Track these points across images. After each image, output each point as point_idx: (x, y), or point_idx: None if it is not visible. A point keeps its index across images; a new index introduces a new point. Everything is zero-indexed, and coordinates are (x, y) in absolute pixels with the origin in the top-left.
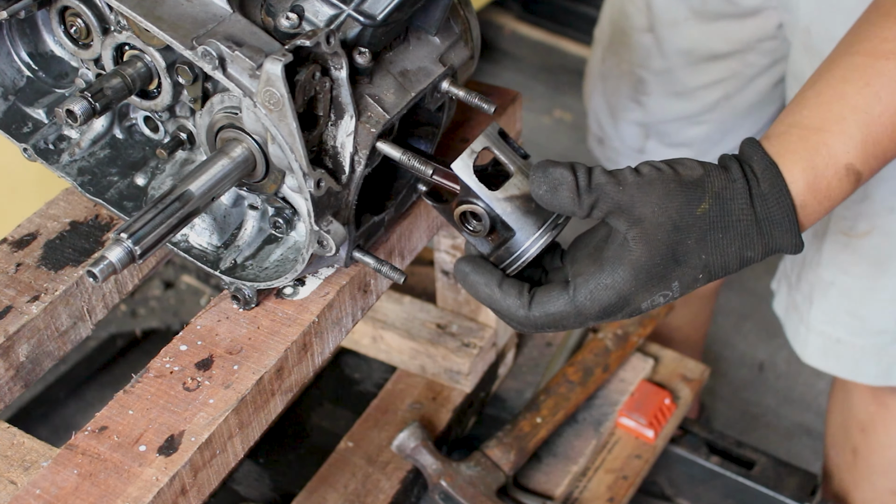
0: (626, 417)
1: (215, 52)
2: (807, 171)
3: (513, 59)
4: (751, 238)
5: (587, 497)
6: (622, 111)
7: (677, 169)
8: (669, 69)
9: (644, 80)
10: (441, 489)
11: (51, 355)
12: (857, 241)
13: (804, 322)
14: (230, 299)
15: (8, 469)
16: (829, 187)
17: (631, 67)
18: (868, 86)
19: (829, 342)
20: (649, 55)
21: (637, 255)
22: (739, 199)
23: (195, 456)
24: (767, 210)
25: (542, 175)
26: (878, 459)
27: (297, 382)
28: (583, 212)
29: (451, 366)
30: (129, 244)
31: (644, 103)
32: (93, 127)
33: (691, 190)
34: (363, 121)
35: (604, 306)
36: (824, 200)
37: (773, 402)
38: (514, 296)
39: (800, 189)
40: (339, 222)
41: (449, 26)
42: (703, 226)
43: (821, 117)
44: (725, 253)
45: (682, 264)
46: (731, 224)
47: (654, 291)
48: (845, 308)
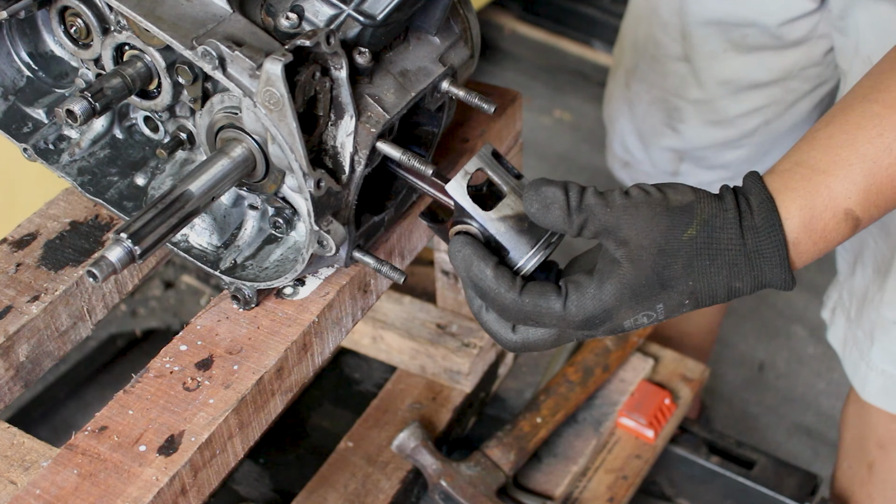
0: (626, 417)
1: (215, 52)
2: (804, 209)
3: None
4: (739, 268)
5: (587, 497)
6: (654, 137)
7: (667, 193)
8: (708, 99)
9: (680, 108)
10: (441, 489)
11: (51, 355)
12: None
13: (865, 359)
14: (230, 299)
15: (8, 469)
16: (825, 229)
17: (664, 95)
18: (881, 136)
19: (891, 382)
20: (685, 84)
21: (624, 273)
22: (729, 229)
23: (195, 456)
24: (758, 242)
25: (535, 193)
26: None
27: (297, 382)
28: (573, 230)
29: (451, 366)
30: (128, 244)
31: (680, 130)
32: (93, 127)
33: (678, 215)
34: (363, 121)
35: (587, 315)
36: (819, 241)
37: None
38: (508, 278)
39: (794, 226)
40: (339, 222)
41: (449, 26)
42: (689, 251)
43: (827, 160)
44: (713, 281)
45: (669, 288)
46: (718, 252)
47: (638, 311)
48: None
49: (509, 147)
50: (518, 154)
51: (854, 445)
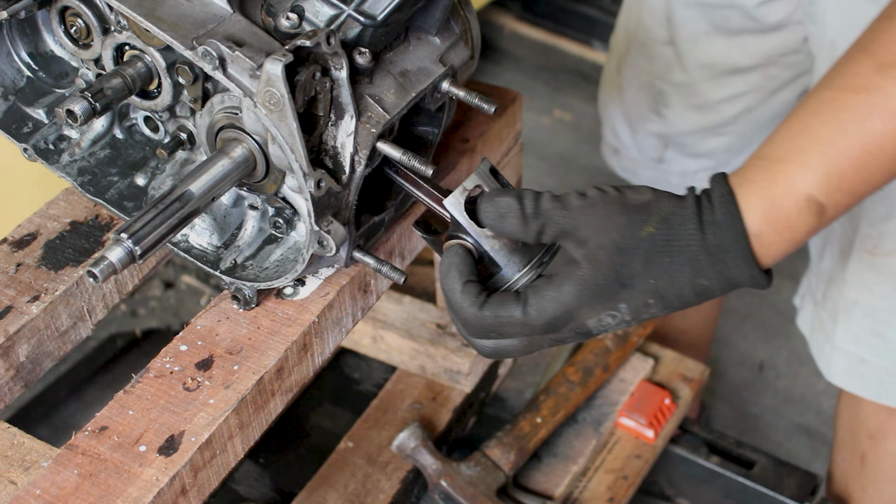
0: (626, 417)
1: (215, 53)
2: (763, 199)
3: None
4: (702, 265)
5: (587, 497)
6: (641, 122)
7: (624, 192)
8: (690, 83)
9: (664, 92)
10: (441, 489)
11: (51, 355)
12: (882, 260)
13: (829, 341)
14: (230, 299)
15: (8, 469)
16: (787, 218)
17: (650, 79)
18: (835, 119)
19: (854, 362)
20: (670, 68)
21: (583, 273)
22: (689, 224)
23: (195, 456)
24: (719, 237)
25: (490, 204)
26: (886, 467)
27: (297, 382)
28: (531, 236)
29: (451, 366)
30: (129, 244)
31: (664, 115)
32: (93, 127)
33: (635, 212)
34: (363, 121)
35: (548, 318)
36: (784, 231)
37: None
38: (473, 294)
39: (755, 217)
40: (340, 222)
41: (449, 26)
42: (648, 249)
43: (785, 149)
44: (675, 279)
45: (629, 287)
46: (678, 248)
47: (600, 310)
48: (870, 328)
49: (509, 147)
50: (518, 154)
51: (846, 438)
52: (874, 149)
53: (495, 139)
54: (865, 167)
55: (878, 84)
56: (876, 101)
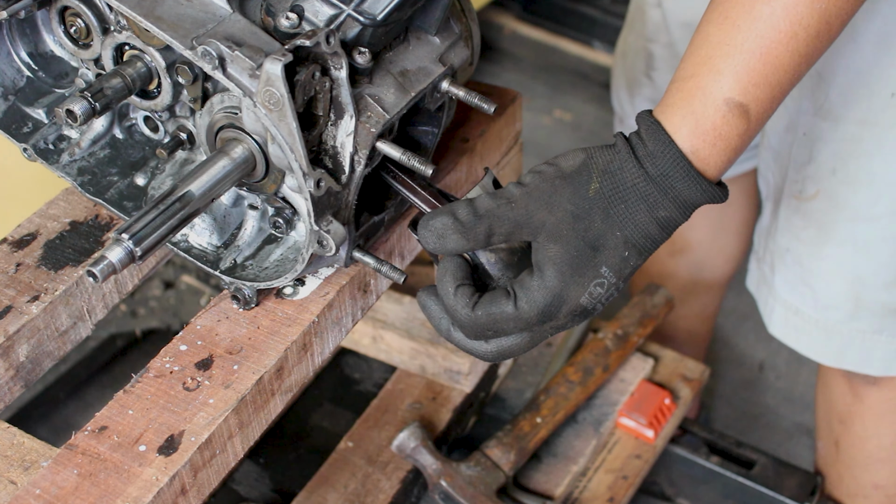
0: (626, 417)
1: (215, 52)
2: (686, 117)
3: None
4: (654, 197)
5: (587, 497)
6: (637, 87)
7: (558, 164)
8: (673, 43)
9: (653, 54)
10: (441, 489)
11: (51, 355)
12: (807, 204)
13: (771, 293)
14: (230, 299)
15: (8, 469)
16: (715, 127)
17: (644, 42)
18: (726, 18)
19: (790, 313)
20: (658, 29)
21: (554, 253)
22: (628, 166)
23: (195, 456)
24: (658, 167)
25: (426, 231)
26: (857, 452)
27: (297, 382)
28: (479, 244)
29: (451, 366)
30: (129, 244)
31: (654, 78)
32: (93, 127)
33: (576, 177)
34: (363, 121)
35: (541, 308)
36: (717, 141)
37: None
38: (465, 296)
39: (685, 136)
40: (339, 222)
41: (449, 26)
42: (601, 204)
43: (692, 64)
44: (637, 221)
45: (601, 248)
46: (627, 191)
47: (586, 283)
48: (800, 276)
49: (509, 147)
50: (518, 154)
51: (822, 426)
52: (770, 33)
53: (495, 139)
54: (771, 54)
55: None
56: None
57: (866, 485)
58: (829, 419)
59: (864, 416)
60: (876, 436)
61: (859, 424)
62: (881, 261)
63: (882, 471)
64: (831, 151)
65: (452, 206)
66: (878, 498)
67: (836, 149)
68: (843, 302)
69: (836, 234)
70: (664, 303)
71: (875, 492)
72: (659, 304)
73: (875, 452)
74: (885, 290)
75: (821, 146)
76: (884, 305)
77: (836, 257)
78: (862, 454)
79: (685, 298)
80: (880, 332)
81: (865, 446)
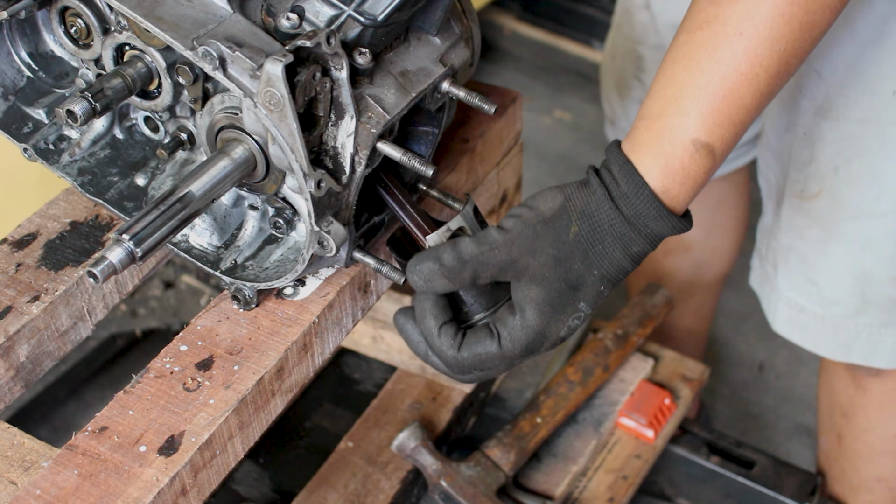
0: (626, 417)
1: (216, 53)
2: (657, 157)
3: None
4: (629, 237)
5: (587, 497)
6: (627, 89)
7: (538, 207)
8: (662, 45)
9: (642, 56)
10: (441, 489)
11: (51, 355)
12: (809, 203)
13: (774, 291)
14: (230, 299)
15: (8, 469)
16: (683, 167)
17: (633, 45)
18: (691, 60)
19: (794, 310)
20: (646, 32)
21: (536, 295)
22: (604, 208)
23: (195, 456)
24: (632, 207)
25: (414, 273)
26: (860, 445)
27: (298, 383)
28: (465, 286)
29: None
30: (129, 245)
31: (643, 80)
32: (93, 127)
33: (557, 220)
34: (363, 121)
35: (524, 345)
36: (686, 180)
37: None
38: (449, 336)
39: (656, 177)
40: (340, 223)
41: (449, 26)
42: (581, 246)
43: (660, 104)
44: (613, 259)
45: (580, 287)
46: (604, 233)
47: (565, 319)
48: (804, 274)
49: (509, 147)
50: (518, 154)
51: (825, 420)
52: (733, 75)
53: (495, 139)
54: (734, 95)
55: (714, 14)
56: (718, 31)
57: (869, 478)
58: (831, 413)
59: (868, 407)
60: (879, 427)
61: (862, 416)
62: (887, 256)
63: (885, 463)
64: (833, 150)
65: (438, 250)
66: (880, 491)
67: (837, 148)
68: (849, 297)
69: (840, 231)
70: (664, 303)
71: (878, 485)
72: (659, 304)
73: (878, 444)
74: (890, 284)
75: (822, 146)
76: (890, 299)
77: (841, 254)
78: (865, 447)
79: (681, 298)
80: (886, 326)
81: (868, 438)
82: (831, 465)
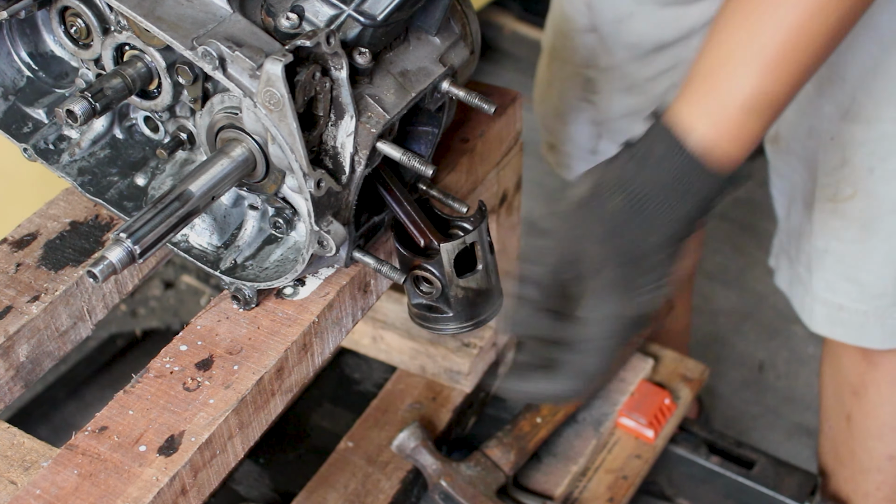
0: (626, 417)
1: (215, 53)
2: (705, 114)
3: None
4: (672, 200)
5: (587, 497)
6: (573, 112)
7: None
8: (617, 65)
9: (592, 79)
10: (441, 489)
11: (51, 355)
12: (844, 205)
13: (809, 292)
14: (230, 299)
15: (8, 469)
16: (735, 123)
17: (577, 69)
18: (748, 19)
19: (833, 310)
20: (595, 54)
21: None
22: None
23: (195, 456)
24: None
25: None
26: (872, 422)
27: (297, 382)
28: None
29: (451, 366)
30: (129, 244)
31: (594, 101)
32: (93, 127)
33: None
34: (363, 121)
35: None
36: (737, 136)
37: (773, 402)
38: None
39: (703, 134)
40: (340, 222)
41: (449, 26)
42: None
43: (712, 61)
44: (662, 224)
45: (642, 258)
46: (647, 200)
47: (639, 294)
48: (842, 274)
49: (509, 147)
50: (518, 154)
51: (831, 403)
52: (793, 33)
53: (495, 139)
54: (792, 52)
55: None
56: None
57: (880, 457)
58: (839, 394)
59: (879, 382)
60: (891, 402)
61: (874, 392)
62: None
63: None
64: (866, 152)
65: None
66: (892, 469)
67: (871, 149)
68: (893, 287)
69: (880, 227)
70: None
71: (889, 463)
72: None
73: (890, 420)
74: None
75: (854, 148)
76: None
77: (883, 250)
78: (876, 423)
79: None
80: None
81: (879, 414)
82: (839, 449)
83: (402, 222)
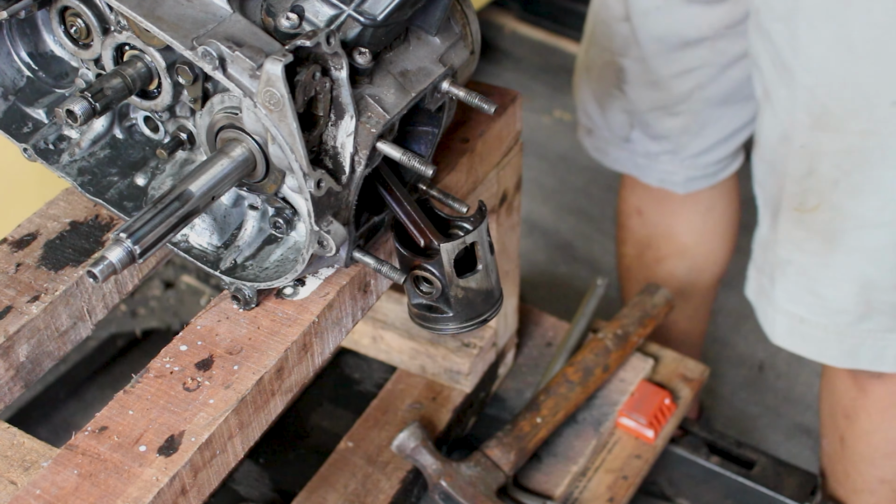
0: (626, 417)
1: (215, 53)
2: None
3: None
4: None
5: (587, 497)
6: (608, 99)
7: None
8: (644, 58)
9: (624, 68)
10: (441, 489)
11: (51, 355)
12: (808, 216)
13: (771, 303)
14: (230, 299)
15: (8, 469)
16: None
17: (612, 56)
18: None
19: (794, 321)
20: (627, 44)
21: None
22: None
23: (195, 456)
24: None
25: None
26: (863, 447)
27: (297, 382)
28: None
29: (451, 366)
30: (129, 244)
31: (626, 91)
32: (93, 127)
33: None
34: (363, 121)
35: None
36: None
37: (773, 402)
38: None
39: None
40: (340, 222)
41: (449, 26)
42: None
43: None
44: None
45: None
46: None
47: None
48: (804, 286)
49: (509, 147)
50: (518, 154)
51: (827, 421)
52: None
53: (495, 139)
54: None
55: None
56: None
57: (872, 480)
58: (833, 416)
59: (870, 410)
60: (881, 430)
61: (865, 419)
62: (890, 264)
63: (888, 465)
64: (832, 163)
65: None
66: (884, 493)
67: (837, 160)
68: (854, 306)
69: (843, 242)
70: (664, 303)
71: (881, 486)
72: (659, 304)
73: (881, 447)
74: (895, 291)
75: (820, 158)
76: (894, 305)
77: (844, 265)
78: (868, 449)
79: (677, 303)
80: (892, 331)
81: (871, 441)
82: (834, 467)
83: (402, 222)
